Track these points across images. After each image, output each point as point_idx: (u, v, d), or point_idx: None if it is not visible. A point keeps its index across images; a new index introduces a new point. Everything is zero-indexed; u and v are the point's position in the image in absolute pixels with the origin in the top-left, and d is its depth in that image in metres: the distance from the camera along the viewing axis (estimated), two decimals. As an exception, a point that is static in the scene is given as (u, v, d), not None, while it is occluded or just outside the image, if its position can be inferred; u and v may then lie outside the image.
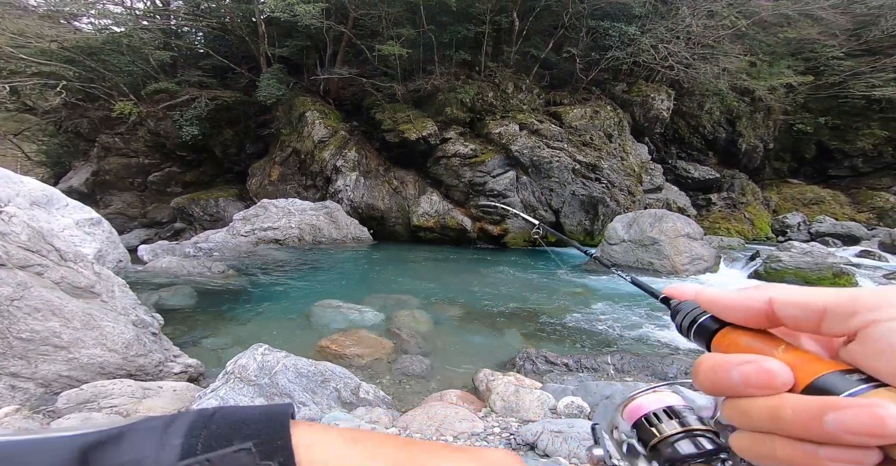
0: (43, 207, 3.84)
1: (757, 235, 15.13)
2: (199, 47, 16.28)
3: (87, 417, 1.91)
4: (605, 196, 12.25)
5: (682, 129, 16.59)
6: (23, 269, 2.35)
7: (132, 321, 2.58)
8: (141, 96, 13.91)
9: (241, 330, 4.75)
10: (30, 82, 13.44)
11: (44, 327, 2.17)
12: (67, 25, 15.12)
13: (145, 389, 2.22)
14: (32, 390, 2.07)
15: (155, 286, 5.67)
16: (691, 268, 8.38)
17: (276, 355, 2.70)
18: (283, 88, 13.43)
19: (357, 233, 11.33)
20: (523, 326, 5.26)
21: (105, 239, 4.25)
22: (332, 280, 7.44)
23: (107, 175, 15.61)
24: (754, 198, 16.42)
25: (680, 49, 13.13)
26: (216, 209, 13.54)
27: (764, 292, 0.26)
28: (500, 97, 13.05)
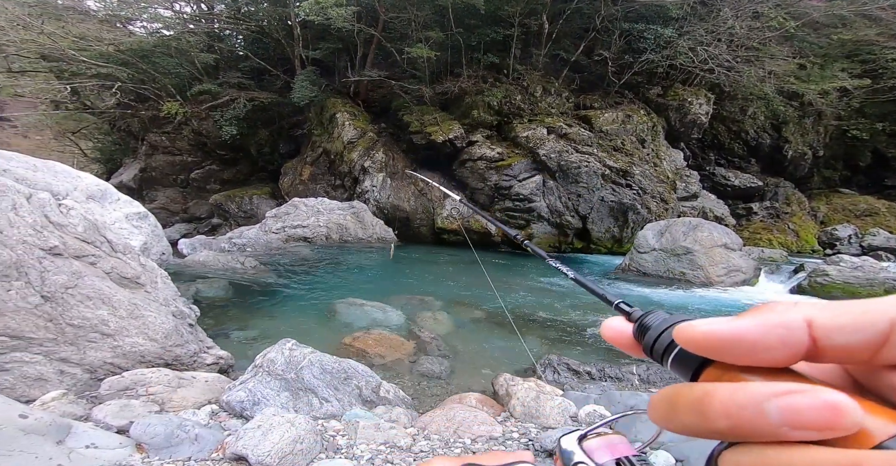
0: (97, 201, 4.13)
1: (802, 248, 14.29)
2: (239, 50, 17.06)
3: (125, 404, 2.04)
4: (635, 203, 11.91)
5: (721, 135, 15.88)
6: (78, 259, 2.54)
7: (172, 312, 2.74)
8: (186, 97, 14.69)
9: (269, 323, 4.93)
10: (89, 83, 14.47)
11: (94, 315, 2.34)
12: (123, 29, 16.18)
13: (180, 379, 2.34)
14: (79, 375, 2.23)
15: (192, 278, 5.96)
16: (727, 280, 8.03)
17: (303, 350, 2.79)
18: (315, 90, 13.85)
19: (382, 233, 11.51)
20: (545, 332, 5.19)
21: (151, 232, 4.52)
22: (356, 278, 7.60)
23: (153, 171, 16.56)
24: (800, 208, 15.51)
25: (721, 51, 12.60)
26: (250, 206, 14.10)
27: (796, 313, 0.18)
28: (527, 100, 12.94)
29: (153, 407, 2.10)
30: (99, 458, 1.61)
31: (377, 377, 3.03)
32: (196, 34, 15.32)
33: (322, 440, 2.11)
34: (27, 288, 2.23)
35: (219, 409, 2.33)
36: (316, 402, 2.56)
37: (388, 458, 2.03)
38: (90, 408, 2.05)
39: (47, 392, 2.07)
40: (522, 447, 2.34)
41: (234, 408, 2.31)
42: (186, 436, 1.87)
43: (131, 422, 1.91)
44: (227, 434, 2.05)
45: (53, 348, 2.19)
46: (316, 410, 2.50)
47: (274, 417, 1.99)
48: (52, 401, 2.00)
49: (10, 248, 2.28)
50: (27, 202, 2.56)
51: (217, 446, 1.93)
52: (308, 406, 2.50)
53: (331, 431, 2.26)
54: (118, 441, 1.78)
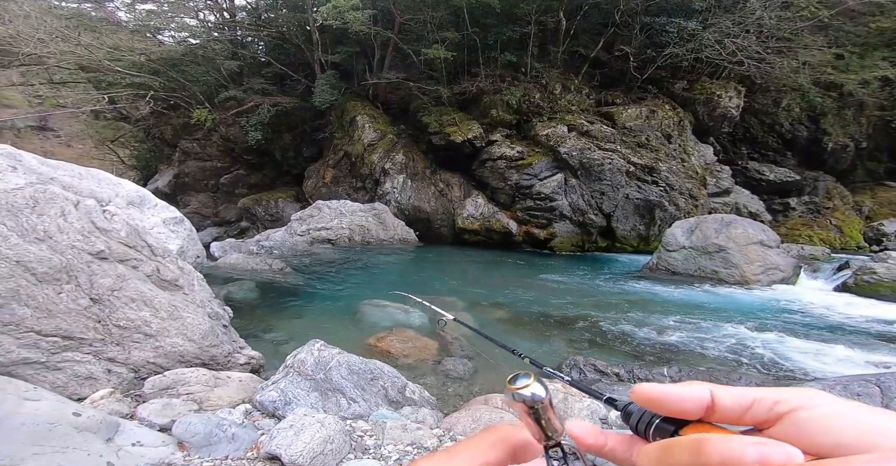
0: (137, 207, 4.34)
1: (846, 244, 13.57)
2: (261, 56, 17.57)
3: (167, 403, 2.14)
4: (662, 199, 11.58)
5: (754, 128, 15.23)
6: (122, 263, 2.68)
7: (208, 313, 2.85)
8: (214, 104, 15.24)
9: (296, 324, 5.05)
10: (124, 93, 15.22)
11: (137, 316, 2.46)
12: (153, 39, 16.94)
13: (216, 378, 2.44)
14: (125, 374, 2.35)
15: (224, 280, 6.19)
16: (764, 279, 7.71)
17: (331, 351, 2.85)
18: (335, 93, 14.10)
19: (403, 234, 11.61)
20: (570, 333, 5.12)
21: (186, 236, 4.71)
22: (379, 279, 7.69)
23: (186, 177, 17.27)
24: (843, 202, 14.70)
25: (750, 43, 12.09)
26: (276, 209, 14.49)
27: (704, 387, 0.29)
28: (547, 98, 12.78)
29: (192, 406, 2.19)
30: (144, 456, 1.69)
31: (403, 377, 3.06)
32: (220, 42, 15.89)
33: (350, 440, 2.15)
34: (77, 290, 2.37)
35: (252, 408, 2.41)
36: (344, 402, 2.61)
37: (416, 459, 2.05)
38: (135, 407, 2.16)
39: (96, 391, 2.20)
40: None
41: (267, 408, 2.39)
42: (224, 435, 1.94)
43: (172, 421, 2.00)
44: (261, 433, 2.12)
45: (102, 348, 2.32)
46: (344, 410, 2.55)
47: (305, 417, 2.04)
48: (101, 400, 2.12)
49: (61, 253, 2.43)
50: (75, 209, 2.72)
51: (252, 445, 2.00)
52: (336, 407, 2.56)
53: (359, 431, 2.30)
54: (161, 440, 1.87)
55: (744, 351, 4.55)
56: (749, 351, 4.53)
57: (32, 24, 12.72)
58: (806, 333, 5.17)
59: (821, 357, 4.43)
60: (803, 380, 3.25)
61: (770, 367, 4.14)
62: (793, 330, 5.28)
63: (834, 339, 4.96)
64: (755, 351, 4.54)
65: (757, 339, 4.89)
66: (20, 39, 12.42)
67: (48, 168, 4.05)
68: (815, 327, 5.52)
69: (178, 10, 15.77)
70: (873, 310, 6.30)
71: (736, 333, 5.10)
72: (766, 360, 4.31)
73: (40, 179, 3.76)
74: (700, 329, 5.26)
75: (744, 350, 4.58)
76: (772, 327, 5.34)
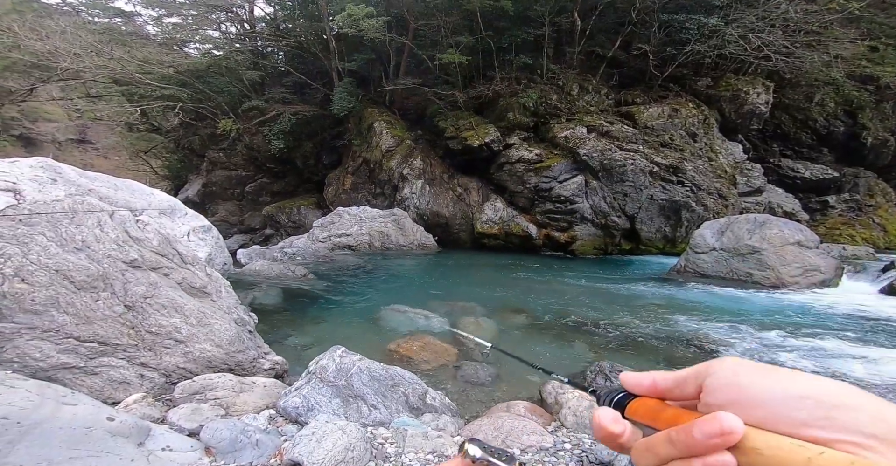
0: (168, 216, 4.52)
1: (890, 243, 12.84)
2: (281, 65, 18.10)
3: (196, 408, 2.21)
4: (689, 200, 11.23)
5: (785, 124, 14.63)
6: (154, 271, 2.79)
7: (234, 319, 2.92)
8: (238, 114, 15.77)
9: (318, 329, 5.12)
10: (155, 105, 15.95)
11: (168, 323, 2.55)
12: (179, 51, 17.70)
13: (242, 384, 2.50)
14: (157, 379, 2.43)
15: (249, 286, 6.35)
16: (803, 281, 7.34)
17: (352, 358, 2.87)
18: (353, 101, 14.36)
19: (423, 239, 11.65)
20: (594, 338, 5.00)
21: (214, 244, 4.87)
22: (399, 285, 7.73)
23: (213, 186, 17.90)
24: (885, 199, 13.92)
25: (777, 38, 11.64)
26: (298, 216, 14.82)
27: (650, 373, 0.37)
28: (564, 100, 12.63)
29: (219, 411, 2.24)
30: (174, 461, 1.74)
31: (423, 384, 3.04)
32: (242, 53, 16.46)
33: (371, 447, 2.15)
34: (112, 298, 2.48)
35: (276, 414, 2.45)
36: (365, 409, 2.62)
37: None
38: (165, 411, 2.22)
39: (129, 395, 2.28)
40: (576, 459, 2.26)
41: (290, 414, 2.42)
42: (248, 441, 1.98)
43: (200, 425, 2.05)
44: (284, 439, 2.14)
45: (135, 353, 2.41)
46: (365, 417, 2.55)
47: (327, 424, 2.06)
48: (133, 404, 2.19)
49: (97, 262, 2.54)
50: (110, 219, 2.85)
51: (275, 451, 2.02)
52: (357, 413, 2.57)
53: (379, 439, 2.30)
54: (189, 445, 1.91)
55: (783, 356, 4.34)
56: (787, 358, 4.31)
57: (68, 39, 13.45)
58: (852, 338, 4.88)
59: (870, 363, 4.17)
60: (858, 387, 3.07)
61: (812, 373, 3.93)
62: (837, 334, 5.00)
63: (884, 344, 4.67)
64: (793, 358, 4.32)
65: (797, 344, 4.65)
66: (57, 55, 13.17)
67: (86, 180, 4.26)
68: (862, 331, 5.21)
69: (201, 23, 16.44)
70: (925, 314, 5.91)
71: (773, 338, 4.86)
72: (809, 367, 4.09)
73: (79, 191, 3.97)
74: (733, 333, 5.04)
75: (780, 356, 4.36)
76: (813, 332, 5.07)
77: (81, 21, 16.35)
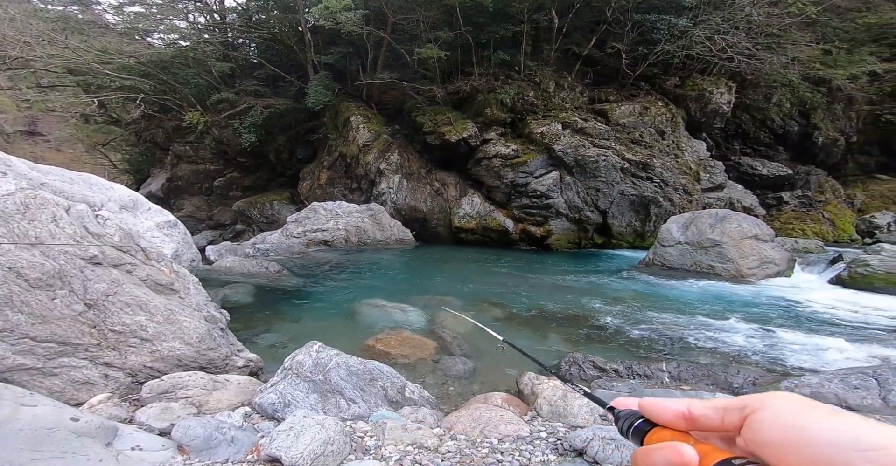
0: (130, 211, 4.30)
1: (839, 237, 13.73)
2: (252, 58, 17.47)
3: (166, 407, 2.13)
4: (657, 195, 11.65)
5: (746, 123, 15.38)
6: (116, 267, 2.66)
7: (204, 317, 2.83)
8: (206, 106, 15.14)
9: (294, 326, 5.03)
10: (114, 96, 15.08)
11: (133, 321, 2.44)
12: (142, 41, 16.79)
13: (215, 381, 2.43)
14: (122, 379, 2.33)
15: (220, 283, 6.15)
16: (760, 273, 7.76)
17: (329, 353, 2.84)
18: (329, 94, 14.05)
19: (400, 234, 11.60)
20: (568, 330, 5.14)
21: (181, 240, 4.68)
22: (376, 280, 7.68)
23: (179, 181, 17.14)
24: (835, 195, 14.88)
25: (740, 39, 12.19)
26: (271, 211, 14.43)
27: (685, 401, 0.36)
28: (541, 96, 12.80)
29: (191, 410, 2.18)
30: (144, 460, 1.68)
31: (402, 377, 3.05)
32: (211, 44, 15.78)
33: (351, 441, 2.15)
34: (71, 296, 2.35)
35: (251, 411, 2.40)
36: (343, 404, 2.60)
37: (417, 459, 2.06)
38: (133, 411, 2.14)
39: (94, 396, 2.18)
40: (551, 447, 2.32)
41: (266, 410, 2.38)
42: (224, 438, 1.93)
43: (172, 424, 1.99)
44: (261, 435, 2.11)
45: (98, 353, 2.30)
46: (344, 411, 2.54)
47: (304, 419, 2.04)
48: (98, 404, 2.10)
49: (53, 259, 2.40)
50: (66, 214, 2.70)
51: (252, 447, 1.99)
52: (336, 408, 2.55)
53: (359, 432, 2.30)
54: (161, 443, 1.85)
55: (740, 345, 4.59)
56: (746, 346, 4.57)
57: (18, 27, 12.57)
58: (802, 327, 5.21)
59: (818, 350, 4.47)
60: (801, 375, 3.28)
61: (766, 362, 4.17)
62: (789, 323, 5.33)
63: (830, 332, 5.01)
64: (752, 346, 4.58)
65: (753, 334, 4.92)
66: (6, 43, 12.29)
67: (38, 173, 4.00)
68: (810, 320, 5.57)
69: (166, 13, 15.63)
70: (868, 302, 6.36)
71: (732, 328, 5.14)
72: (763, 355, 4.35)
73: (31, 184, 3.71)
74: (697, 324, 5.29)
75: (740, 344, 4.61)
76: (768, 321, 5.39)
77: (33, 8, 15.26)
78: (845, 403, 2.82)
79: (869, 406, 2.77)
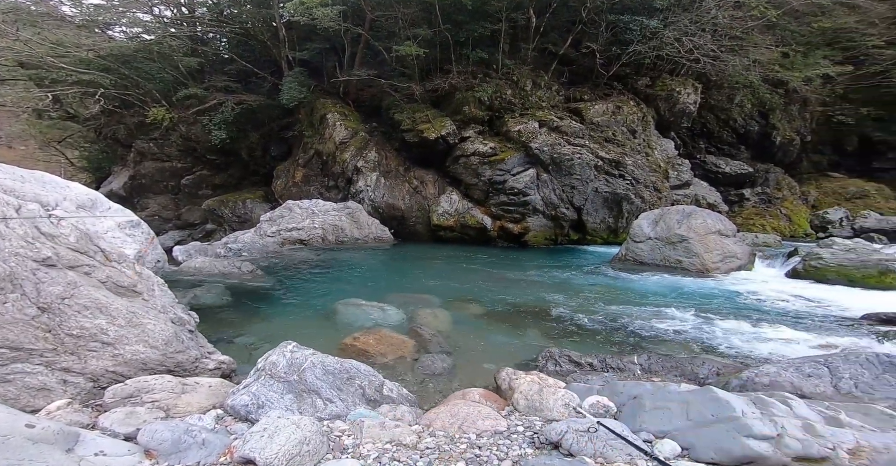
0: (88, 210, 4.08)
1: (795, 232, 14.50)
2: (223, 53, 16.87)
3: (131, 411, 2.04)
4: (629, 192, 11.99)
5: (710, 123, 16.03)
6: (72, 269, 2.52)
7: (171, 319, 2.72)
8: (172, 102, 14.52)
9: (269, 327, 4.92)
10: (70, 91, 14.24)
11: (92, 324, 2.32)
12: (102, 35, 15.90)
13: (184, 385, 2.34)
14: (82, 384, 2.21)
15: (189, 285, 5.92)
16: (723, 266, 8.11)
17: (304, 352, 2.79)
18: (304, 91, 13.75)
19: (378, 232, 11.50)
20: (545, 325, 5.22)
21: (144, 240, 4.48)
22: (354, 279, 7.59)
23: (143, 179, 16.39)
24: (791, 192, 15.72)
25: (706, 41, 12.68)
26: (244, 210, 14.01)
27: None
28: (518, 95, 12.94)
29: (159, 414, 2.09)
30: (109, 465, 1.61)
31: (380, 376, 3.03)
32: (178, 38, 15.12)
33: (328, 440, 2.12)
34: (23, 299, 2.21)
35: (224, 413, 2.33)
36: (320, 403, 2.56)
37: (395, 456, 2.05)
38: (96, 417, 2.04)
39: (52, 402, 2.06)
40: (528, 441, 2.34)
41: (239, 412, 2.31)
42: (194, 441, 1.87)
43: (138, 429, 1.91)
44: (234, 437, 2.05)
45: (54, 358, 2.17)
46: (320, 411, 2.50)
47: (279, 420, 1.99)
48: (57, 411, 1.99)
49: (3, 261, 2.26)
50: (16, 213, 2.53)
51: (224, 450, 1.93)
52: (312, 408, 2.51)
53: (336, 431, 2.27)
54: (126, 448, 1.78)
55: (706, 337, 4.78)
56: (710, 338, 4.77)
57: (-37, 18, 11.69)
58: (762, 318, 5.47)
59: (776, 340, 4.69)
60: (760, 364, 3.43)
61: (730, 352, 4.36)
62: (750, 315, 5.58)
63: (787, 323, 5.26)
64: (716, 337, 4.78)
65: (717, 326, 5.13)
66: (-51, 34, 11.40)
67: (-14, 170, 3.74)
68: (769, 312, 5.84)
69: (129, 5, 14.87)
70: (821, 294, 6.71)
71: (698, 320, 5.34)
72: (727, 345, 4.55)
73: (-23, 182, 3.47)
74: (666, 317, 5.49)
75: (706, 336, 4.81)
76: (731, 313, 5.63)
77: (-20, 1, 14.21)
78: (800, 391, 2.90)
79: (822, 394, 2.88)
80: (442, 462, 1.98)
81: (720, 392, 2.27)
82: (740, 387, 3.06)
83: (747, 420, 2.04)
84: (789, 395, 2.33)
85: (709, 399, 2.24)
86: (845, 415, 2.14)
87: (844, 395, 2.85)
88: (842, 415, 2.14)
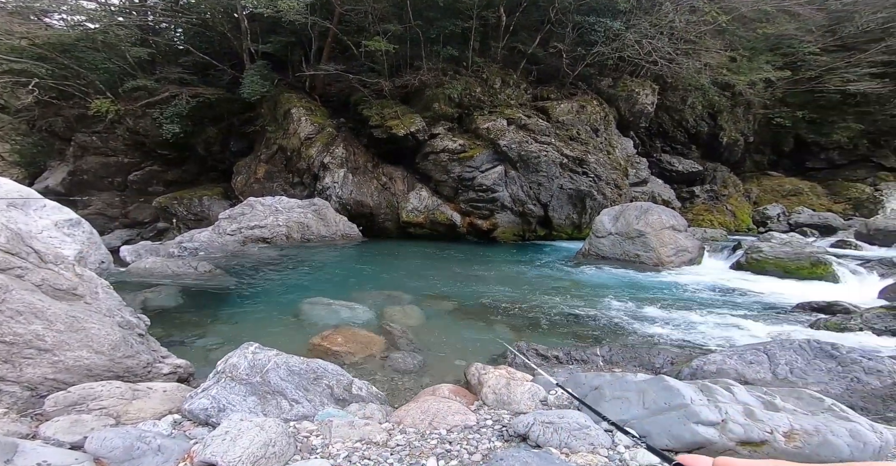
0: (19, 209, 3.72)
1: (739, 226, 15.51)
2: (178, 44, 15.84)
3: (76, 419, 1.88)
4: (592, 189, 12.39)
5: (666, 123, 16.85)
6: (2, 272, 2.29)
7: (118, 322, 2.54)
8: (118, 94, 13.52)
9: (231, 329, 4.70)
10: (0, 80, 12.92)
11: (26, 330, 2.12)
12: (38, 22, 14.53)
13: (135, 390, 2.19)
14: (18, 393, 2.02)
15: (139, 287, 5.55)
16: (676, 260, 8.55)
17: (267, 353, 2.69)
18: (267, 85, 13.20)
19: (346, 229, 11.27)
20: (514, 320, 5.31)
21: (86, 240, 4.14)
22: (321, 277, 7.40)
23: (84, 175, 15.15)
24: (736, 190, 16.81)
25: (664, 44, 13.29)
26: (200, 208, 13.29)
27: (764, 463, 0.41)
28: (487, 92, 13.05)
29: (108, 421, 1.95)
30: (50, 479, 1.48)
31: (348, 375, 2.98)
32: (126, 27, 14.04)
33: (296, 441, 2.05)
34: (-56, 305, 1.99)
35: (182, 418, 2.20)
36: (286, 404, 2.48)
37: (365, 454, 2.02)
38: (36, 426, 1.88)
39: (-20, 416, 1.87)
40: (497, 434, 2.36)
41: (199, 416, 2.20)
42: (148, 448, 1.75)
43: (85, 437, 1.77)
44: (194, 442, 1.95)
45: (-17, 368, 1.97)
46: (286, 412, 2.42)
47: (242, 422, 1.91)
48: (-13, 424, 1.81)
49: (-81, 262, 2.02)
50: (-64, 209, 2.27)
51: (184, 455, 1.83)
52: (278, 409, 2.42)
53: (304, 432, 2.21)
54: (73, 457, 1.64)
55: (661, 328, 5.03)
56: (666, 328, 5.02)
57: None
58: (711, 309, 5.80)
59: (722, 329, 5.00)
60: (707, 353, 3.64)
61: (682, 342, 4.61)
62: (700, 306, 5.91)
63: (732, 313, 5.62)
64: (670, 327, 5.04)
65: (671, 317, 5.42)
66: None
67: None
68: (717, 303, 6.21)
69: (70, -8, 13.64)
70: (762, 285, 7.21)
71: (654, 312, 5.61)
72: (679, 335, 4.80)
73: None
74: (625, 309, 5.73)
75: (661, 327, 5.05)
76: (683, 305, 5.95)
77: None
78: (743, 378, 3.06)
79: (762, 380, 3.06)
80: (413, 459, 1.97)
81: (672, 380, 2.36)
82: (691, 375, 3.22)
83: (696, 407, 2.12)
84: (732, 382, 2.44)
85: (662, 388, 2.31)
86: (780, 400, 2.25)
87: (781, 381, 3.04)
88: (777, 400, 2.24)
